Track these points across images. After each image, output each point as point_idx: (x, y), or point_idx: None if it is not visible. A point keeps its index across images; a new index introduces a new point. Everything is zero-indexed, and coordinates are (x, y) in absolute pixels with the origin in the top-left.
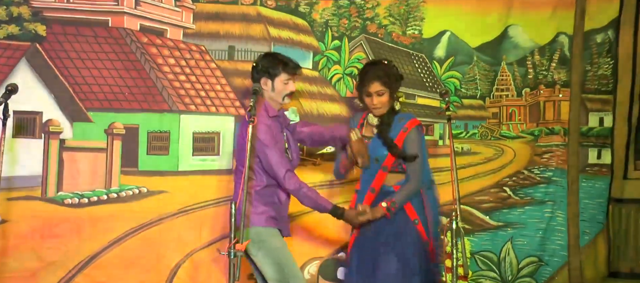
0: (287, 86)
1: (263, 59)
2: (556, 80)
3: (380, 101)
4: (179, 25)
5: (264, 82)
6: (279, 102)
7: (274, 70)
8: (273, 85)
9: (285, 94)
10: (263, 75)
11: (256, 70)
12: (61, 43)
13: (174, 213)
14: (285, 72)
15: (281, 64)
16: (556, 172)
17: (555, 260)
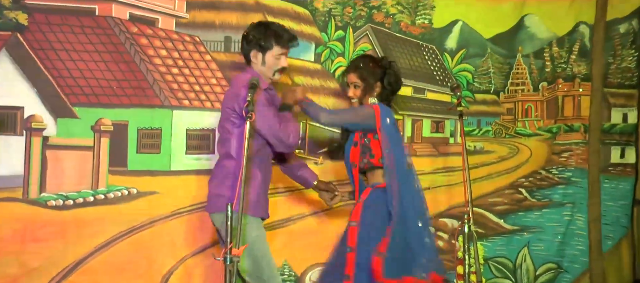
0: (279, 61)
1: (255, 29)
2: (576, 73)
3: (354, 93)
4: (172, 15)
5: (254, 55)
6: (268, 78)
7: (266, 42)
8: (264, 59)
9: (276, 69)
10: (254, 47)
11: (246, 40)
12: (44, 33)
13: (166, 215)
14: (279, 45)
15: (274, 36)
16: (576, 172)
17: (576, 266)
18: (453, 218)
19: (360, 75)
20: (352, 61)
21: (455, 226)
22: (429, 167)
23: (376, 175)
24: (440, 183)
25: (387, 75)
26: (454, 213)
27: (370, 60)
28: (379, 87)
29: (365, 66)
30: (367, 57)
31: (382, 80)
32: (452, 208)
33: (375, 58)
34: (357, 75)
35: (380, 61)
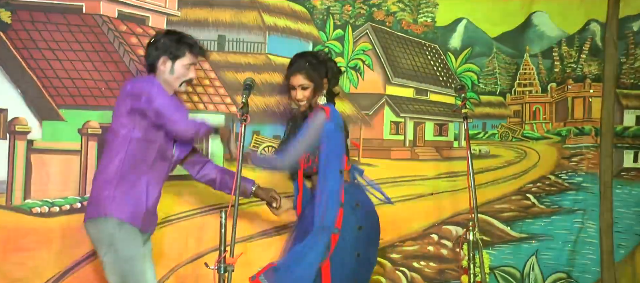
0: (188, 71)
1: (166, 36)
2: (586, 73)
3: (304, 95)
4: (162, 12)
5: (163, 62)
6: (174, 88)
7: (177, 50)
8: (173, 67)
9: (184, 79)
10: (163, 54)
11: (155, 47)
12: (28, 31)
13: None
14: (191, 54)
15: (187, 45)
16: (587, 178)
17: (587, 276)
18: (457, 225)
19: (307, 76)
20: (293, 62)
21: (459, 233)
22: (432, 171)
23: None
24: (444, 188)
25: (329, 69)
26: (458, 220)
27: (312, 57)
28: (326, 84)
29: (311, 65)
30: (309, 55)
31: (327, 76)
32: (457, 215)
33: (315, 54)
34: (305, 76)
35: (320, 56)
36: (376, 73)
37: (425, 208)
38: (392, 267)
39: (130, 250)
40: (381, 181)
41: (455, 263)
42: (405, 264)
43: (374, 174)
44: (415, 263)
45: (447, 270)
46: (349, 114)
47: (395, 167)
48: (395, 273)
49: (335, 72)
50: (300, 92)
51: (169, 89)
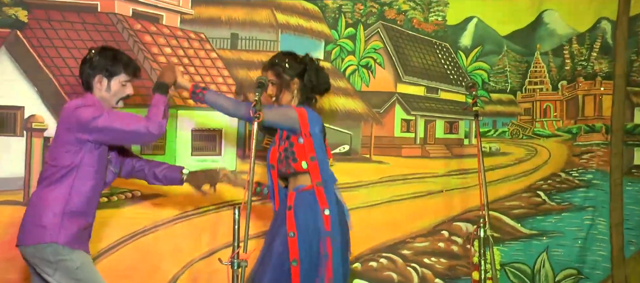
0: (124, 88)
1: (99, 54)
2: (597, 71)
3: (272, 90)
4: (176, 11)
5: (99, 80)
6: (111, 105)
7: (113, 68)
8: (109, 85)
9: (121, 96)
10: (99, 72)
11: (91, 65)
12: (45, 30)
13: (170, 219)
14: (126, 73)
15: (122, 63)
16: (597, 175)
17: (597, 272)
18: (468, 222)
19: (275, 72)
20: (269, 59)
21: (470, 230)
22: (443, 169)
23: (299, 179)
24: (455, 186)
25: (307, 72)
26: (469, 217)
27: (287, 57)
28: (297, 84)
29: (281, 63)
30: (285, 54)
31: (302, 77)
32: (467, 212)
33: (295, 55)
34: (273, 72)
35: (301, 58)
36: (387, 71)
37: (436, 205)
38: (404, 263)
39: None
40: (392, 178)
41: (465, 259)
42: (416, 260)
43: (385, 172)
44: (426, 260)
45: (457, 266)
46: (360, 111)
47: (406, 164)
48: (406, 269)
49: (312, 79)
50: (271, 88)
51: (106, 105)
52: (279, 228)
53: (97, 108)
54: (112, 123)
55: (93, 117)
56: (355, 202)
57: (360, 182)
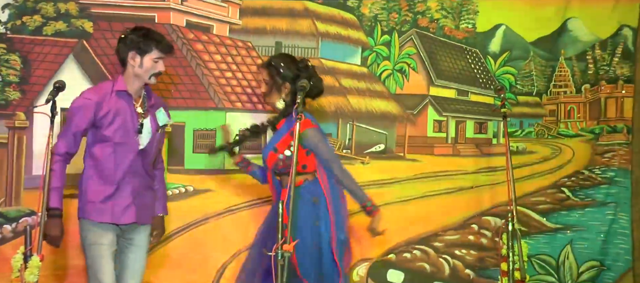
0: (157, 65)
1: (133, 33)
2: (619, 75)
3: (263, 89)
4: (225, 21)
5: (132, 57)
6: (144, 80)
7: (145, 46)
8: (142, 62)
9: (153, 73)
10: (132, 49)
11: (124, 43)
12: (107, 39)
13: (219, 212)
14: (158, 50)
15: (154, 41)
16: (619, 172)
17: (619, 264)
18: (496, 216)
19: (269, 73)
20: (267, 58)
21: (498, 224)
22: (473, 167)
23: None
24: (484, 182)
25: (299, 78)
26: (497, 212)
27: (284, 59)
28: (288, 88)
29: (276, 65)
30: (282, 56)
31: (294, 82)
32: (495, 207)
33: (292, 58)
34: (267, 73)
35: (296, 62)
36: (420, 75)
37: (466, 201)
38: (436, 254)
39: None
40: (425, 175)
41: (494, 251)
42: (447, 252)
43: (418, 169)
44: (456, 251)
45: (486, 258)
46: (395, 113)
47: (438, 162)
48: (438, 261)
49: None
50: (263, 86)
51: (139, 81)
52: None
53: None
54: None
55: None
56: (390, 197)
57: (395, 179)
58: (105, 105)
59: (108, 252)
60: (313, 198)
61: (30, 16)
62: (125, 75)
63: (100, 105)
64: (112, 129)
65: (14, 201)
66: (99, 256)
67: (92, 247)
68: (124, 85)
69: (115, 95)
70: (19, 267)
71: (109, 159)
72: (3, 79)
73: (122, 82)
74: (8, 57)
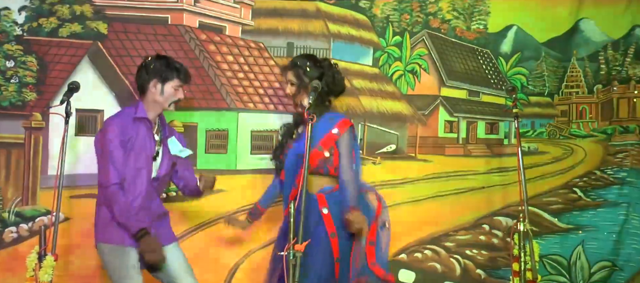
0: (177, 93)
1: (156, 61)
2: (631, 76)
3: (291, 90)
4: (238, 22)
5: (154, 84)
6: (164, 108)
7: (167, 73)
8: (163, 89)
9: (173, 100)
10: (154, 76)
11: (146, 70)
12: (122, 41)
13: (232, 212)
14: (178, 78)
15: (175, 69)
16: (631, 173)
17: (631, 265)
18: (507, 217)
19: (295, 74)
20: (291, 60)
21: (510, 224)
22: (484, 167)
23: (323, 181)
24: (495, 183)
25: (325, 76)
26: (508, 212)
27: (308, 59)
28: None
29: (302, 65)
30: (306, 57)
31: (320, 80)
32: (506, 207)
33: (315, 58)
34: (293, 73)
35: (320, 62)
36: (432, 76)
37: (477, 201)
38: (447, 254)
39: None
40: (436, 175)
41: (505, 251)
42: (458, 252)
43: (429, 169)
44: (468, 251)
45: (498, 258)
46: (406, 113)
47: (449, 162)
48: (449, 260)
49: (329, 83)
50: (289, 87)
51: (158, 108)
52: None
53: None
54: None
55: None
56: (402, 197)
57: (406, 179)
58: (128, 131)
59: (134, 273)
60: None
61: (46, 18)
62: (144, 101)
63: (123, 129)
64: (133, 155)
65: (30, 200)
66: (126, 277)
67: (116, 271)
68: (144, 112)
69: (136, 121)
70: (33, 266)
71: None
72: (20, 80)
73: (143, 108)
74: (25, 59)
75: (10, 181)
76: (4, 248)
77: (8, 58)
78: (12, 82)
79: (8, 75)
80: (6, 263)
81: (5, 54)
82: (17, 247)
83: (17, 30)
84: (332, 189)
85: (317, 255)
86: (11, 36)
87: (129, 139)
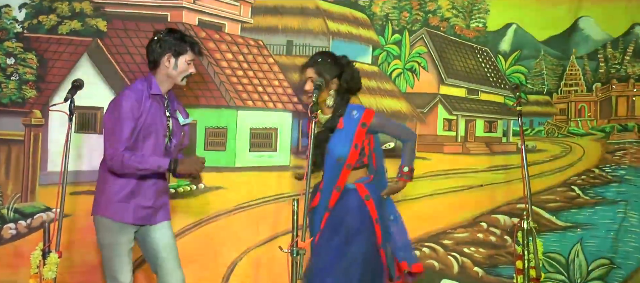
0: (189, 67)
1: (169, 35)
2: (630, 74)
3: (311, 87)
4: (237, 20)
5: (167, 58)
6: (176, 82)
7: (180, 48)
8: (176, 63)
9: (185, 74)
10: (168, 51)
11: (159, 45)
12: (121, 38)
13: (230, 209)
14: (192, 51)
15: (188, 43)
16: (629, 171)
17: (629, 263)
18: (506, 215)
19: (317, 70)
20: (311, 56)
21: (507, 223)
22: (482, 165)
23: (358, 173)
24: (493, 180)
25: (344, 73)
26: (506, 210)
27: (328, 56)
28: (336, 84)
29: (323, 62)
30: (326, 54)
31: (340, 77)
32: (505, 205)
33: (334, 55)
34: (314, 70)
35: (339, 59)
36: (431, 74)
37: (475, 199)
38: (445, 252)
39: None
40: (435, 173)
41: (503, 249)
42: (456, 250)
43: (428, 167)
44: (466, 249)
45: (495, 256)
46: (405, 111)
47: (448, 160)
48: (447, 258)
49: (348, 80)
50: (309, 84)
51: (171, 82)
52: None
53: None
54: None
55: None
56: (400, 194)
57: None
58: (140, 107)
59: (126, 251)
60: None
61: (46, 15)
62: (157, 76)
63: (137, 105)
64: (145, 130)
65: (29, 197)
66: (117, 255)
67: (110, 247)
68: (158, 88)
69: (150, 97)
70: (37, 263)
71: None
72: (20, 77)
73: (157, 85)
74: (25, 56)
75: (9, 178)
76: (3, 244)
77: (8, 55)
78: (12, 79)
79: (8, 72)
80: (5, 260)
81: (6, 51)
82: (15, 244)
83: (17, 28)
84: (368, 179)
85: (361, 242)
86: (11, 33)
87: (141, 114)
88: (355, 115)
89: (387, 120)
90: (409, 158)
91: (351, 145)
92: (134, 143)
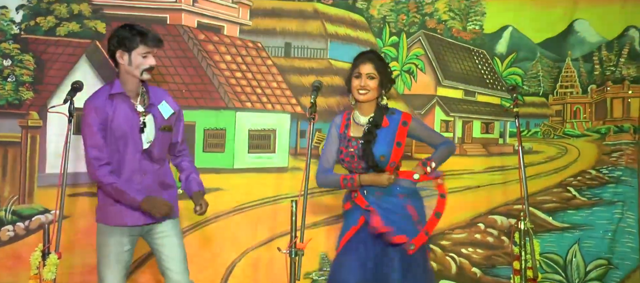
0: (146, 60)
1: (119, 30)
2: (625, 76)
3: (368, 84)
4: (236, 22)
5: (120, 55)
6: (137, 77)
7: (130, 42)
8: (130, 59)
9: (144, 68)
10: (119, 47)
11: (111, 42)
12: None
13: (229, 211)
14: (144, 45)
15: (139, 35)
16: (626, 172)
17: (627, 263)
18: (503, 215)
19: (377, 67)
20: (363, 53)
21: (505, 223)
22: (479, 166)
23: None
24: (490, 181)
25: (387, 73)
26: (503, 211)
27: (380, 55)
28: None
29: (382, 60)
30: (376, 52)
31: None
32: (502, 206)
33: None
34: (374, 67)
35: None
36: (428, 76)
37: (473, 200)
38: (442, 252)
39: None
40: None
41: (500, 250)
42: (454, 250)
43: None
44: (463, 250)
45: (493, 256)
46: None
47: (445, 162)
48: (445, 259)
49: (390, 79)
50: (365, 80)
51: (132, 78)
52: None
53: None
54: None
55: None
56: None
57: None
58: (105, 110)
59: (113, 254)
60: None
61: (44, 17)
62: (120, 75)
63: (99, 110)
64: (114, 132)
65: (27, 199)
66: (104, 257)
67: (100, 248)
68: (119, 87)
69: (113, 98)
70: (37, 264)
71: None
72: (17, 79)
73: (118, 84)
74: (22, 57)
75: (7, 179)
76: (1, 247)
77: (5, 56)
78: (9, 81)
79: (5, 73)
80: (3, 261)
81: (3, 53)
82: (13, 246)
83: (14, 29)
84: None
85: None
86: (8, 35)
87: (105, 117)
88: (394, 114)
89: (426, 125)
90: (439, 157)
91: (394, 144)
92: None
